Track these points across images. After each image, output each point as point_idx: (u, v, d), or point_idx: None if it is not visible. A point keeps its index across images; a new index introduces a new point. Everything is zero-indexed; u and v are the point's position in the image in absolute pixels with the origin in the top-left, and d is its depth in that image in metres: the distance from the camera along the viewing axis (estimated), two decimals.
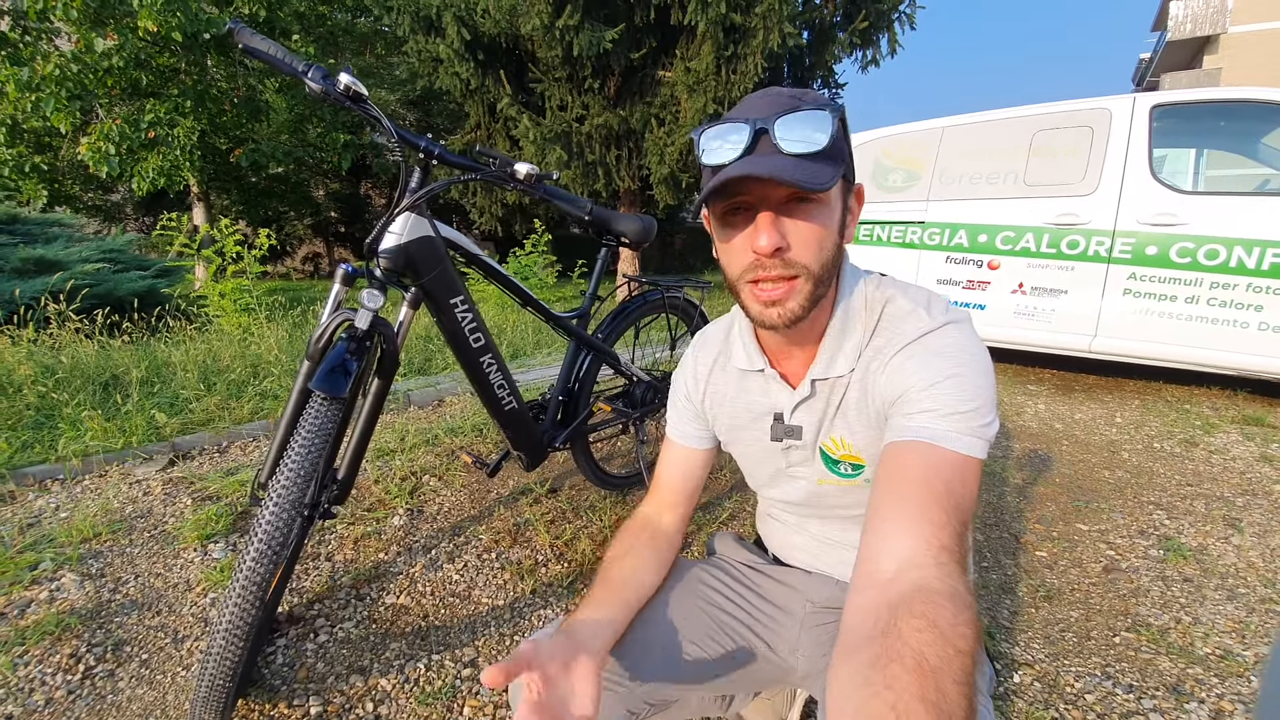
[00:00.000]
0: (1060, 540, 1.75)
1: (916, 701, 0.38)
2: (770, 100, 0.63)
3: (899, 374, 0.63)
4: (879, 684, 0.40)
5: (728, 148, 0.61)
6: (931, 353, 0.62)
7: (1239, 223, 2.85)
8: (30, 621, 1.25)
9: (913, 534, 0.50)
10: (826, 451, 0.74)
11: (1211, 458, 2.40)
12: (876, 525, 0.53)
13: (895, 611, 0.44)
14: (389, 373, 1.12)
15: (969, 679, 0.40)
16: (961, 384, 0.59)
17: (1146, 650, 1.29)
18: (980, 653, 0.72)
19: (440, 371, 3.46)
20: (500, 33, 6.37)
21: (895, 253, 3.87)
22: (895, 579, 0.48)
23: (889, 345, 0.66)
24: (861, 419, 0.69)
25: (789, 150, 0.59)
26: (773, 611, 0.83)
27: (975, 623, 0.44)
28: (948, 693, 0.39)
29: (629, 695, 0.71)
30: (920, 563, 0.48)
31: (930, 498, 0.52)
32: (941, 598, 0.44)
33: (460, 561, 1.55)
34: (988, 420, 0.58)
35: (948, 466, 0.55)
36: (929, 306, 0.66)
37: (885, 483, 0.56)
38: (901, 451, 0.57)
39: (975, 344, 0.63)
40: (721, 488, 2.04)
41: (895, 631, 0.43)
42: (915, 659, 0.40)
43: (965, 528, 0.52)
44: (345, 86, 0.95)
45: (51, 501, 1.81)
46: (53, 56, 7.18)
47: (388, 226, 1.08)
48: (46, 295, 3.49)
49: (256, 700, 1.05)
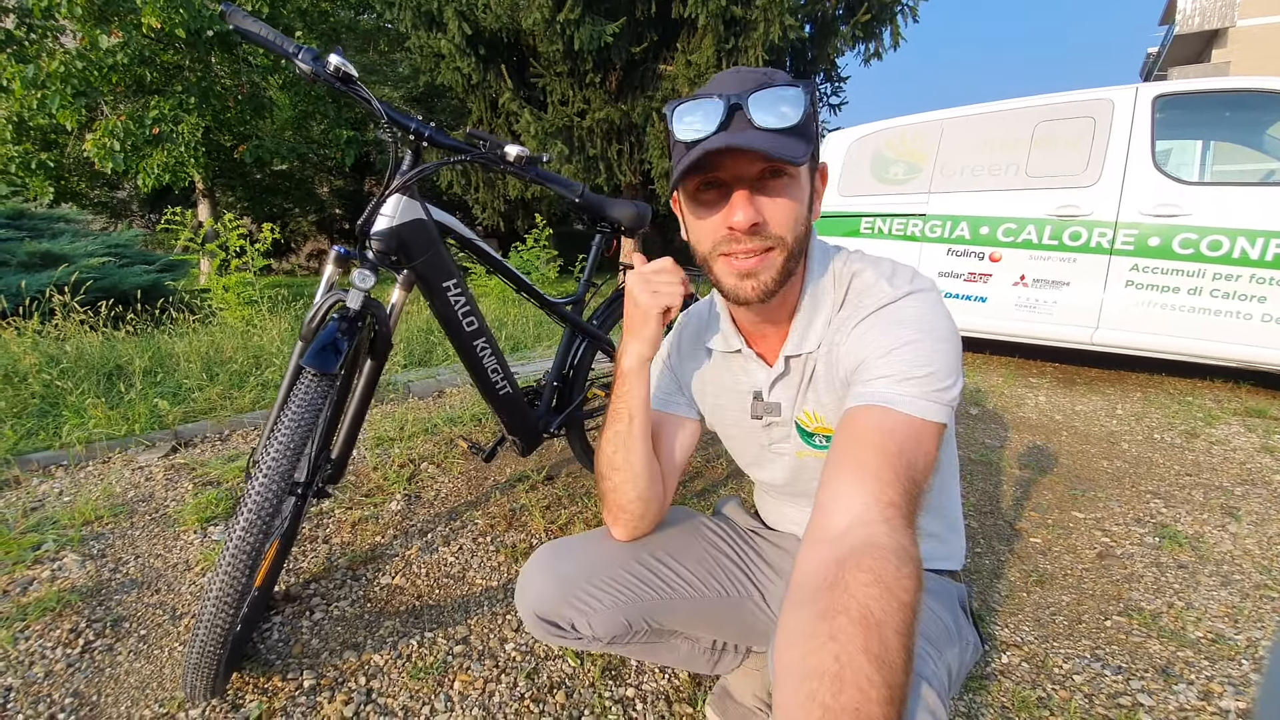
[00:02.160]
0: (1055, 527, 1.75)
1: (860, 653, 0.39)
2: (741, 77, 0.63)
3: (859, 343, 0.64)
4: (824, 635, 0.41)
5: (702, 123, 0.62)
6: (890, 321, 0.63)
7: (1242, 213, 2.83)
8: (32, 599, 1.27)
9: (863, 492, 0.51)
10: (801, 425, 0.76)
11: (1212, 448, 2.39)
12: (829, 483, 0.54)
13: (843, 566, 0.45)
14: (382, 354, 1.13)
15: (910, 630, 0.42)
16: (918, 349, 0.60)
17: (1137, 634, 1.29)
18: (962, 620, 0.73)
19: (441, 363, 3.48)
20: (501, 27, 6.37)
21: (896, 245, 3.86)
22: (845, 534, 0.49)
23: (852, 316, 0.67)
24: (830, 391, 0.71)
25: (763, 125, 0.60)
26: (768, 571, 0.86)
27: (919, 576, 0.45)
28: (889, 644, 0.40)
29: (628, 607, 0.77)
30: (869, 519, 0.49)
31: (882, 458, 0.53)
32: (888, 553, 0.45)
33: (455, 545, 1.57)
34: (946, 385, 0.59)
35: (901, 428, 0.56)
36: (892, 278, 0.68)
37: (840, 444, 0.57)
38: (857, 415, 0.59)
39: (936, 311, 0.64)
40: (718, 475, 2.05)
41: (843, 585, 0.44)
42: (861, 611, 0.41)
43: (917, 487, 0.53)
44: (335, 68, 0.96)
45: (55, 486, 1.83)
46: (58, 54, 7.22)
47: (379, 208, 1.09)
48: (52, 288, 3.52)
49: (251, 674, 1.07)
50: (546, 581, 0.76)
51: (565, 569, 0.77)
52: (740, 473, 2.06)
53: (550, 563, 0.78)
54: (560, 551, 0.80)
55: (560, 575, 0.76)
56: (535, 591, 0.76)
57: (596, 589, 0.76)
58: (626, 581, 0.77)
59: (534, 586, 0.76)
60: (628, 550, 0.80)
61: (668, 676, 1.11)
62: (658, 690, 1.08)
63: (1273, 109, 3.09)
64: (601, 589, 0.76)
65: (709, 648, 0.90)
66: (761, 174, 0.62)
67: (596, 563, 0.78)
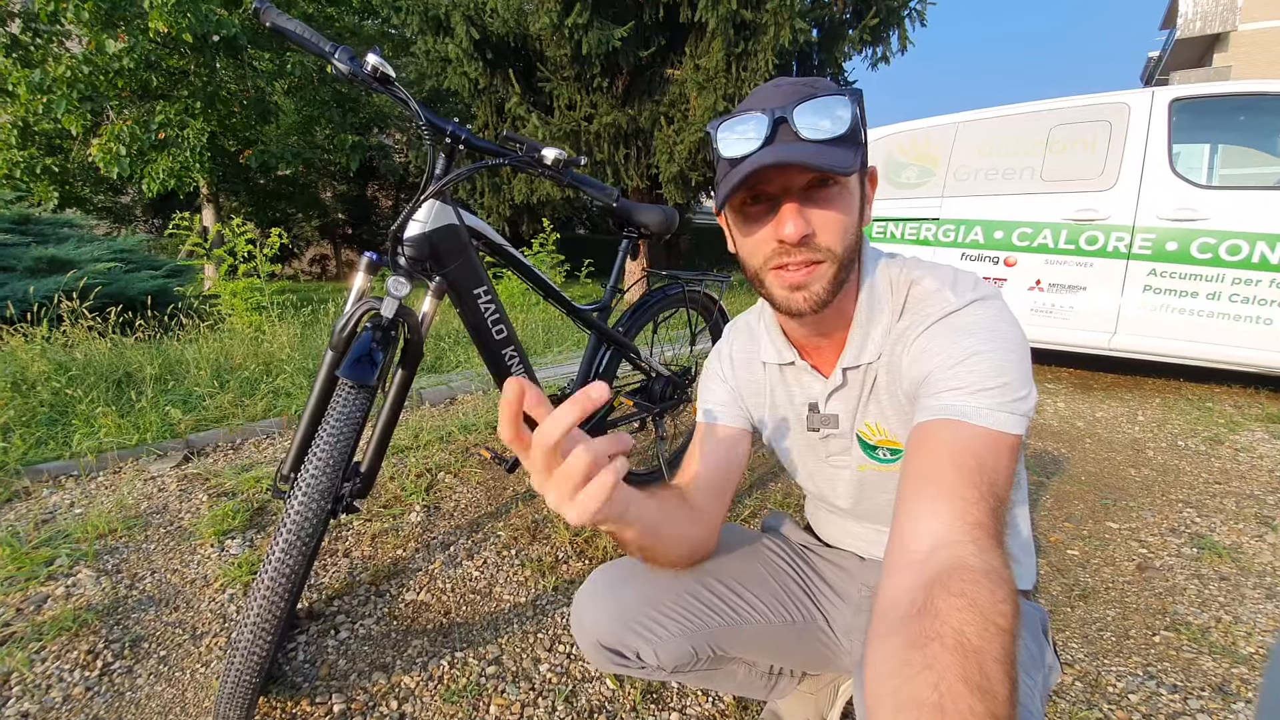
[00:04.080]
0: (1091, 539, 1.71)
1: (959, 682, 0.36)
2: (785, 90, 0.61)
3: (924, 354, 0.62)
4: (918, 664, 0.38)
5: (747, 139, 0.60)
6: (957, 331, 0.60)
7: (1262, 218, 2.80)
8: (47, 617, 1.23)
9: (945, 512, 0.48)
10: (863, 437, 0.73)
11: (1238, 455, 2.36)
12: (907, 505, 0.51)
13: (932, 590, 0.42)
14: (413, 363, 1.10)
15: (1010, 657, 0.38)
16: (989, 359, 0.57)
17: (1188, 649, 1.25)
18: (1045, 647, 0.70)
19: (453, 369, 3.44)
20: (509, 32, 6.36)
21: (909, 249, 3.83)
22: (930, 558, 0.46)
23: (914, 326, 0.65)
24: (893, 402, 0.68)
25: (809, 137, 0.58)
26: (829, 592, 0.82)
27: (1014, 599, 0.42)
28: (990, 672, 0.37)
29: (696, 634, 0.74)
30: (955, 540, 0.46)
31: (960, 475, 0.50)
32: (979, 575, 0.42)
33: (479, 558, 1.53)
34: (1021, 395, 0.55)
35: (978, 442, 0.53)
36: (955, 285, 0.65)
37: (914, 462, 0.54)
38: (929, 430, 0.56)
39: (1004, 319, 0.61)
40: (740, 485, 2.01)
41: (933, 610, 0.41)
42: (956, 638, 0.38)
43: (1000, 504, 0.50)
44: (373, 68, 0.93)
45: (66, 498, 1.79)
46: (64, 58, 7.21)
47: (412, 214, 1.06)
48: (59, 294, 3.49)
49: (278, 698, 1.03)
50: (607, 608, 0.73)
51: (626, 595, 0.73)
52: (762, 483, 2.02)
53: (609, 588, 0.75)
54: (618, 576, 0.76)
55: (622, 602, 0.73)
56: (595, 619, 0.73)
57: (663, 615, 0.73)
58: (692, 608, 0.74)
59: (593, 614, 0.73)
60: (690, 575, 0.76)
61: (712, 700, 1.07)
62: (702, 715, 1.03)
63: None
64: (667, 615, 0.73)
65: (766, 672, 0.87)
66: (810, 184, 0.60)
67: (659, 588, 0.74)
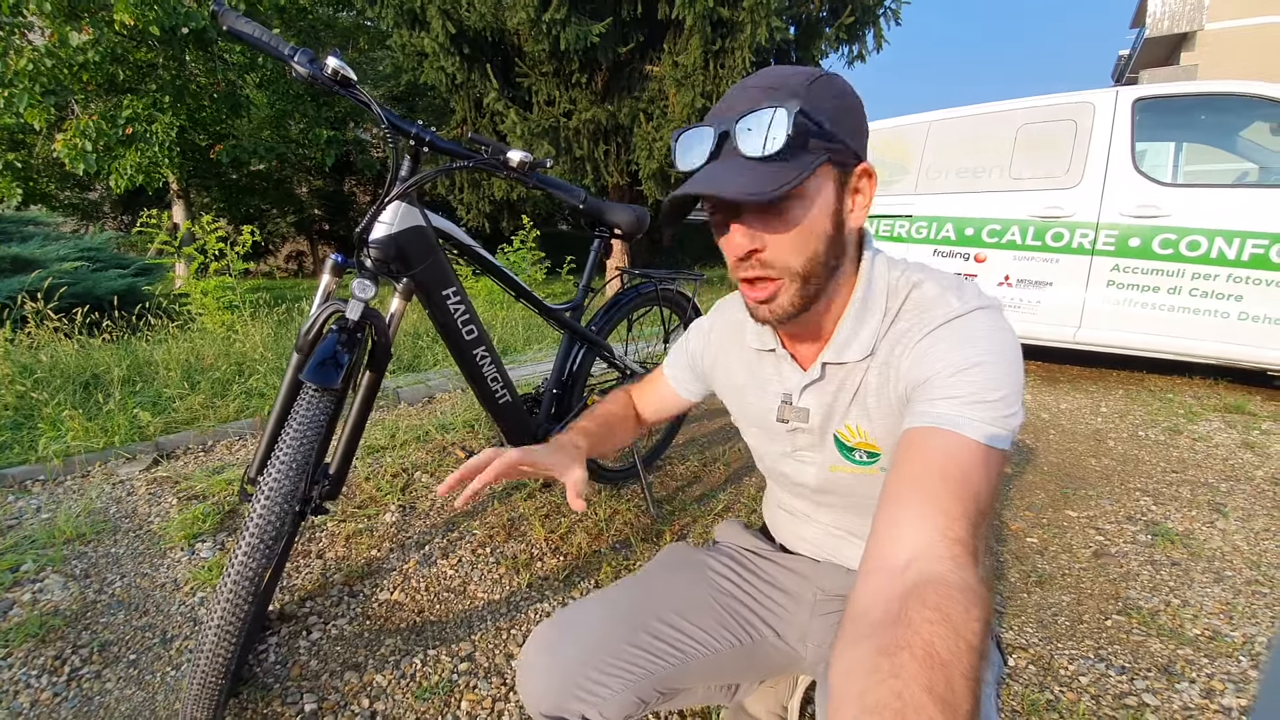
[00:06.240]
0: (1050, 527, 1.77)
1: (923, 692, 0.37)
2: (748, 93, 0.60)
3: (925, 359, 0.61)
4: (886, 671, 0.39)
5: (695, 153, 0.60)
6: (960, 338, 0.60)
7: (1220, 214, 2.90)
8: (13, 624, 1.22)
9: (928, 523, 0.49)
10: (841, 438, 0.72)
11: (1195, 445, 2.45)
12: (890, 510, 0.52)
13: (907, 601, 0.43)
14: (381, 365, 1.10)
15: (976, 674, 0.40)
16: (990, 371, 0.57)
17: (1138, 633, 1.31)
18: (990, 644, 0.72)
19: (430, 368, 3.42)
20: (486, 26, 6.30)
21: (883, 247, 3.88)
22: (907, 568, 0.47)
23: (914, 329, 0.64)
24: (881, 406, 0.68)
25: (749, 154, 0.57)
26: (781, 599, 0.82)
27: (987, 618, 0.43)
28: (955, 687, 0.38)
29: (639, 684, 0.72)
30: (934, 554, 0.47)
31: (946, 487, 0.51)
32: (955, 590, 0.43)
33: (454, 557, 1.54)
34: (1013, 411, 0.56)
35: (967, 455, 0.53)
36: (959, 291, 0.64)
37: (902, 468, 0.54)
38: (921, 437, 0.55)
39: (1006, 331, 0.61)
40: (716, 480, 2.04)
41: (906, 620, 0.42)
42: (925, 650, 0.40)
43: (981, 519, 0.50)
44: (333, 70, 0.93)
45: (32, 502, 1.76)
46: (26, 51, 6.98)
47: (377, 216, 1.06)
48: (23, 294, 3.40)
49: (249, 699, 1.03)
50: (548, 675, 0.71)
51: (566, 655, 0.72)
52: (737, 477, 2.05)
53: (550, 649, 0.73)
54: (559, 633, 0.74)
55: (562, 665, 0.71)
56: (537, 689, 0.71)
57: (603, 674, 0.71)
58: (634, 658, 0.73)
59: (536, 682, 0.71)
60: (633, 618, 0.75)
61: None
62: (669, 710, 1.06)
63: (1245, 112, 3.17)
64: (608, 673, 0.71)
65: (724, 686, 0.87)
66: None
67: (600, 641, 0.73)
